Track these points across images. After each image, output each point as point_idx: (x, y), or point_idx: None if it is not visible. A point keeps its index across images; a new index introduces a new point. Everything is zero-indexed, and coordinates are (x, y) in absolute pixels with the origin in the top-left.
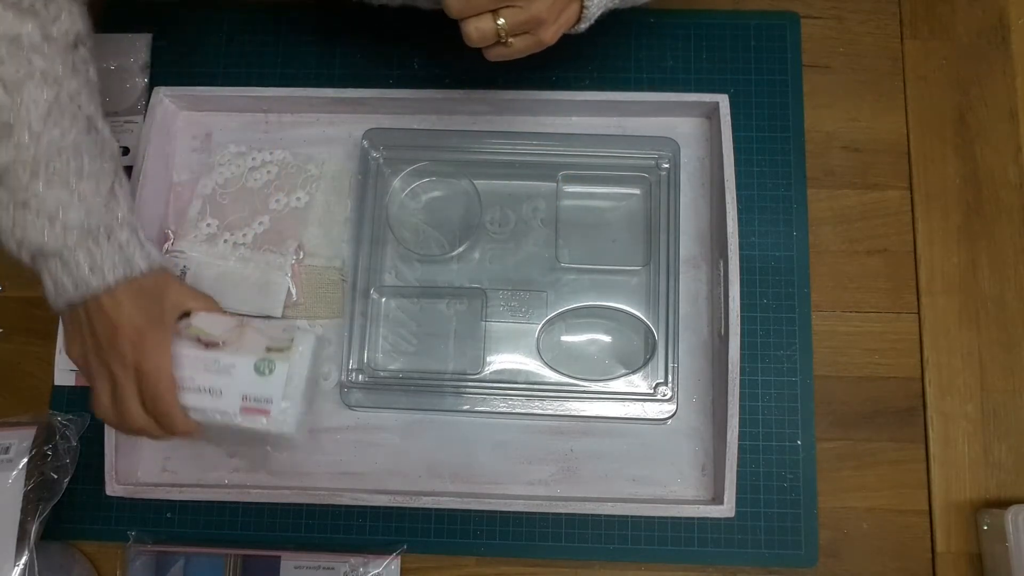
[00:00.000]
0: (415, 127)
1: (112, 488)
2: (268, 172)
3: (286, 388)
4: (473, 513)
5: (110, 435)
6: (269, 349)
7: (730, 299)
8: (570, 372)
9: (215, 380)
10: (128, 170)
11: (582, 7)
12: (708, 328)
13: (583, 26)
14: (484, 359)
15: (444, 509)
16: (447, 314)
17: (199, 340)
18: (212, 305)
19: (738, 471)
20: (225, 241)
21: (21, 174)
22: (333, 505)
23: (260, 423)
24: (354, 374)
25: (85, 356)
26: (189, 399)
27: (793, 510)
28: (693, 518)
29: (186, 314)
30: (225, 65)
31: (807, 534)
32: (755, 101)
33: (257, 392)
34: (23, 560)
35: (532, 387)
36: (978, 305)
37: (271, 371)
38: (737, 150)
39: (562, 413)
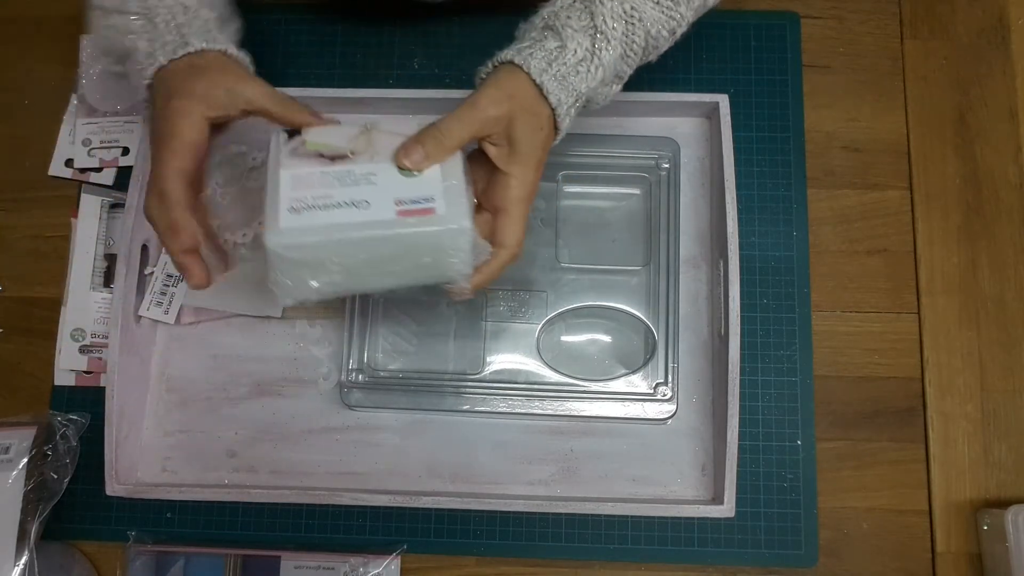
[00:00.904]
0: (415, 127)
1: (112, 488)
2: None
3: (444, 183)
4: (473, 513)
5: (110, 435)
6: None
7: (730, 299)
8: (570, 372)
9: (355, 192)
10: (128, 170)
11: (556, 131)
12: (708, 328)
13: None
14: (484, 359)
15: (444, 509)
16: (447, 314)
17: (322, 156)
18: (277, 97)
19: (738, 471)
20: (225, 241)
21: None
22: (333, 505)
23: (427, 225)
24: (354, 374)
25: None
26: (326, 217)
27: (793, 510)
28: (693, 518)
29: (296, 132)
30: None
31: (807, 534)
32: (755, 101)
33: (412, 193)
34: (23, 560)
35: (532, 387)
36: (978, 305)
37: (420, 170)
38: (737, 150)
39: (562, 413)
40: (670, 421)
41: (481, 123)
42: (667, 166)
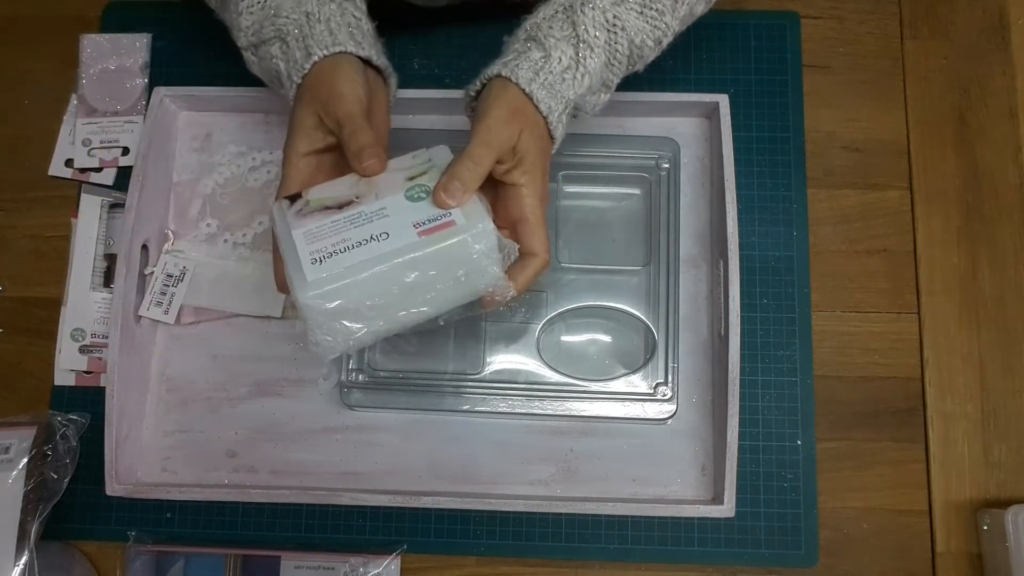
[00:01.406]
0: (415, 127)
1: (112, 488)
2: (268, 172)
3: None
4: (473, 513)
5: (110, 435)
6: (411, 178)
7: (730, 299)
8: (570, 372)
9: (372, 228)
10: (128, 170)
11: (552, 140)
12: (708, 328)
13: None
14: (484, 359)
15: (444, 509)
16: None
17: (328, 208)
18: (351, 119)
19: (738, 471)
20: (225, 241)
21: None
22: (333, 505)
23: (451, 237)
24: (354, 374)
25: None
26: (350, 258)
27: (793, 510)
28: (693, 518)
29: (297, 196)
30: (225, 65)
31: (807, 534)
32: (755, 101)
33: (427, 215)
34: (23, 560)
35: (532, 387)
36: (978, 305)
37: (428, 192)
38: (737, 150)
39: (562, 413)
40: (670, 421)
41: (500, 145)
42: (667, 166)
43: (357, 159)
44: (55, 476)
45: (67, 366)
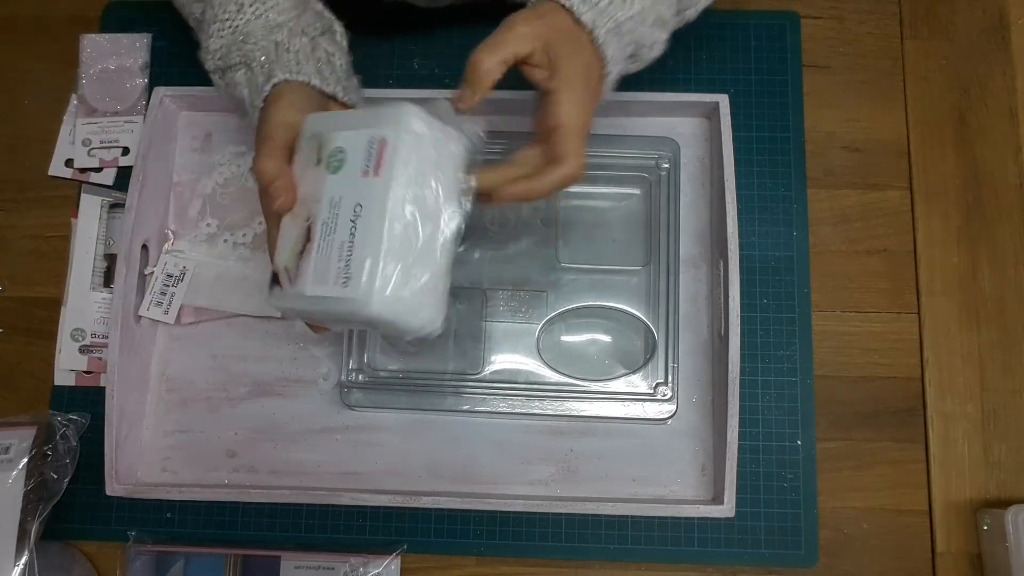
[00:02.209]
0: None
1: (112, 488)
2: None
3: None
4: (473, 513)
5: (110, 435)
6: (318, 161)
7: (730, 299)
8: (570, 372)
9: (345, 219)
10: (128, 170)
11: (602, 62)
12: (708, 328)
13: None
14: (484, 359)
15: (444, 509)
16: (447, 314)
17: (302, 252)
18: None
19: (738, 471)
20: (225, 241)
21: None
22: (333, 505)
23: (394, 151)
24: (354, 374)
25: None
26: (361, 253)
27: (793, 510)
28: (693, 518)
29: (273, 281)
30: None
31: (807, 534)
32: (755, 101)
33: (361, 162)
34: (23, 560)
35: (532, 387)
36: (978, 305)
37: (341, 150)
38: (737, 150)
39: (562, 413)
40: (670, 421)
41: (514, 42)
42: (667, 166)
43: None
44: (55, 476)
45: (67, 366)
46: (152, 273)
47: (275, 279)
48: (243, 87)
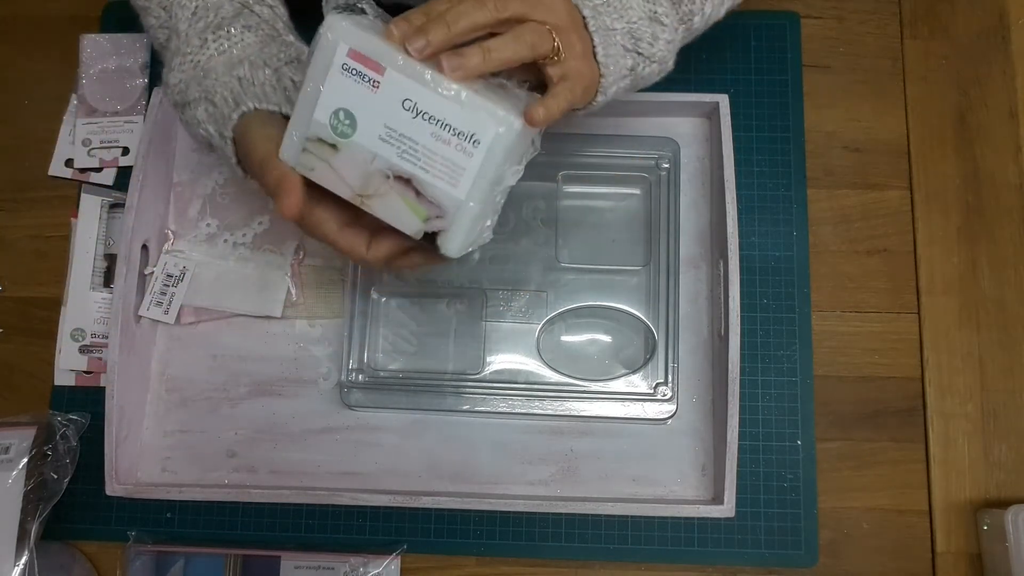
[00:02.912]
0: None
1: (112, 488)
2: None
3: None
4: (473, 513)
5: (110, 435)
6: (317, 139)
7: (730, 299)
8: (570, 372)
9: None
10: (128, 170)
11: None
12: (708, 328)
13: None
14: (484, 359)
15: (444, 509)
16: (447, 314)
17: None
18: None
19: (738, 471)
20: (225, 241)
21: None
22: (333, 505)
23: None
24: (354, 374)
25: None
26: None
27: (793, 510)
28: (693, 518)
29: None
30: None
31: (807, 534)
32: (755, 101)
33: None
34: (23, 560)
35: (532, 387)
36: (978, 305)
37: (337, 117)
38: (737, 150)
39: (562, 413)
40: (670, 421)
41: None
42: (667, 166)
43: (275, 199)
44: (55, 476)
45: (67, 366)
46: (152, 273)
47: (427, 238)
48: (206, 123)
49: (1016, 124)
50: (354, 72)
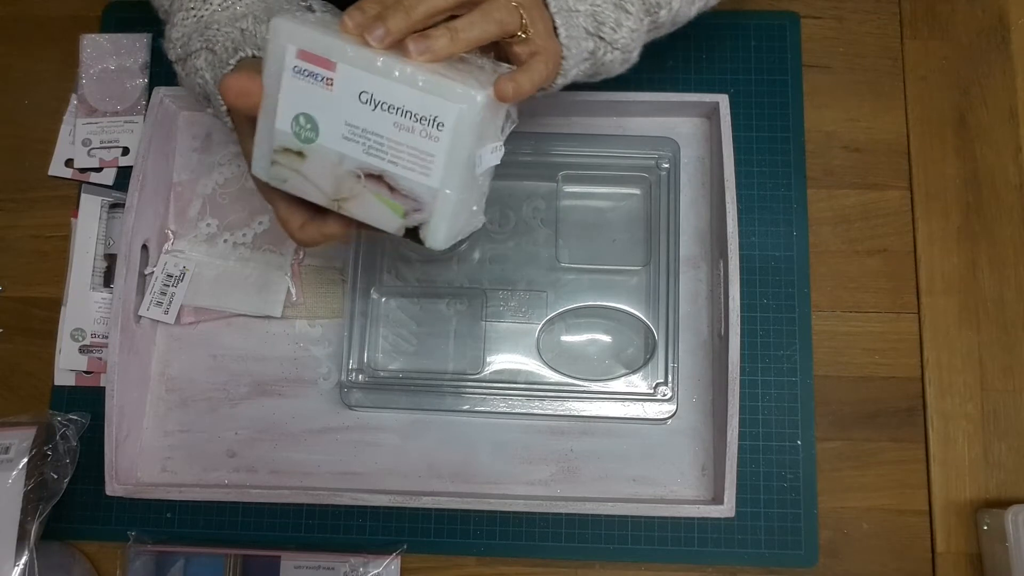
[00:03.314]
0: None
1: (112, 488)
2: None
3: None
4: (473, 513)
5: (110, 435)
6: (284, 149)
7: (730, 299)
8: (570, 372)
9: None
10: (128, 170)
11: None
12: (708, 328)
13: (559, 82)
14: (484, 359)
15: (444, 509)
16: (447, 314)
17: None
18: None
19: (738, 471)
20: (225, 241)
21: None
22: (333, 505)
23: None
24: (354, 374)
25: None
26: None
27: (793, 510)
28: (693, 518)
29: None
30: None
31: (807, 534)
32: (755, 101)
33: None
34: (23, 560)
35: (532, 387)
36: (978, 305)
37: (297, 121)
38: (737, 150)
39: (562, 413)
40: (670, 421)
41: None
42: (667, 166)
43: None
44: (55, 476)
45: (67, 366)
46: (152, 273)
47: (411, 234)
48: (204, 71)
49: (1016, 124)
50: (306, 73)
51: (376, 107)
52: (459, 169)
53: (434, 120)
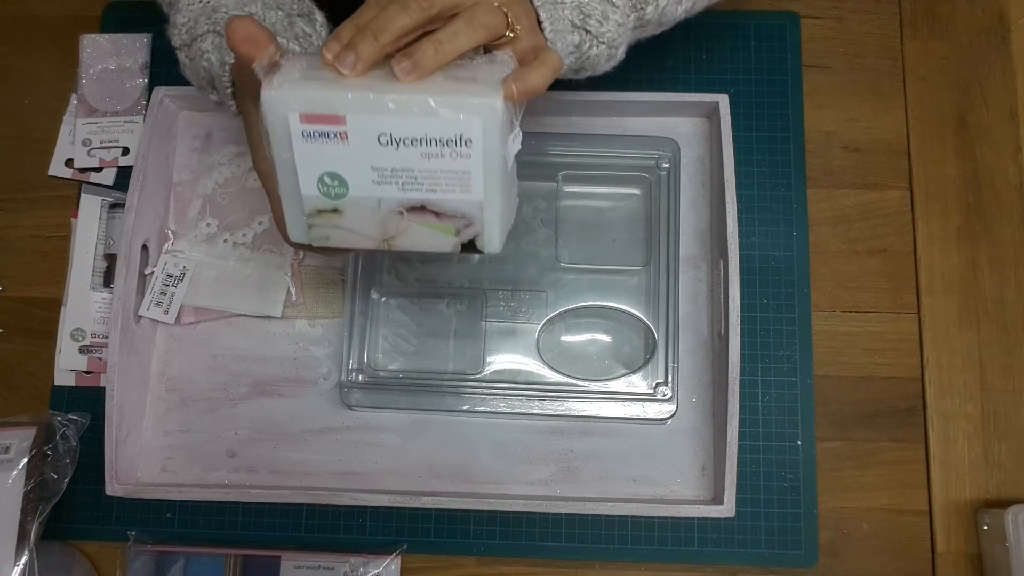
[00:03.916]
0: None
1: (112, 488)
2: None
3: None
4: (473, 513)
5: (110, 435)
6: (319, 211)
7: (730, 299)
8: (570, 372)
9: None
10: (128, 170)
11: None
12: (708, 328)
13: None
14: (484, 359)
15: (444, 509)
16: (447, 314)
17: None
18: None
19: (738, 471)
20: (225, 241)
21: None
22: (333, 505)
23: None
24: (354, 374)
25: None
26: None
27: (793, 510)
28: (693, 518)
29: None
30: None
31: (807, 534)
32: (755, 101)
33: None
34: (23, 560)
35: (532, 387)
36: (978, 305)
37: (331, 180)
38: (737, 150)
39: (562, 413)
40: (670, 421)
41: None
42: (667, 166)
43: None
44: (55, 476)
45: (67, 366)
46: (152, 273)
47: (466, 247)
48: (210, 53)
49: (1016, 124)
50: (317, 134)
51: (398, 145)
52: (496, 174)
53: (460, 139)
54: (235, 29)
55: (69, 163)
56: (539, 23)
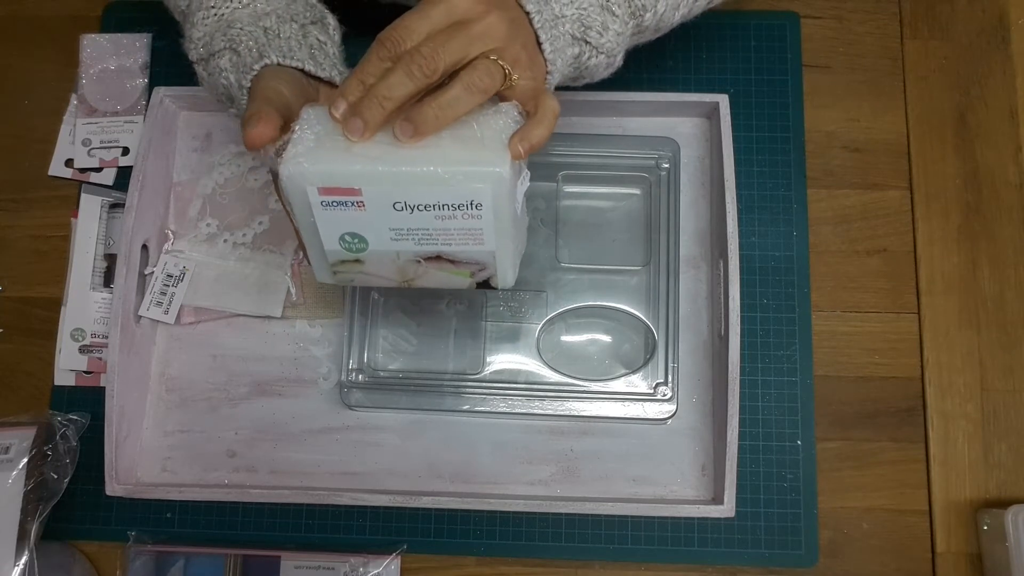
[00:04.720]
0: None
1: (112, 488)
2: (268, 172)
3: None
4: (473, 513)
5: (110, 435)
6: (342, 261)
7: (730, 299)
8: (570, 372)
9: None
10: (128, 170)
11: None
12: (708, 328)
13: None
14: (484, 359)
15: (444, 509)
16: (447, 314)
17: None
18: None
19: (738, 471)
20: (225, 241)
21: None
22: (333, 505)
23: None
24: (354, 374)
25: None
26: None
27: (793, 510)
28: (693, 518)
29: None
30: None
31: (807, 534)
32: (755, 101)
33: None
34: (23, 560)
35: (532, 387)
36: (978, 305)
37: (352, 242)
38: (737, 150)
39: (562, 413)
40: (670, 421)
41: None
42: (667, 166)
43: (244, 126)
44: (55, 476)
45: (67, 366)
46: (152, 273)
47: (482, 285)
48: (228, 72)
49: (1016, 124)
50: (335, 204)
51: (413, 210)
52: (507, 224)
53: (471, 203)
54: (251, 139)
55: (69, 163)
56: (538, 45)
